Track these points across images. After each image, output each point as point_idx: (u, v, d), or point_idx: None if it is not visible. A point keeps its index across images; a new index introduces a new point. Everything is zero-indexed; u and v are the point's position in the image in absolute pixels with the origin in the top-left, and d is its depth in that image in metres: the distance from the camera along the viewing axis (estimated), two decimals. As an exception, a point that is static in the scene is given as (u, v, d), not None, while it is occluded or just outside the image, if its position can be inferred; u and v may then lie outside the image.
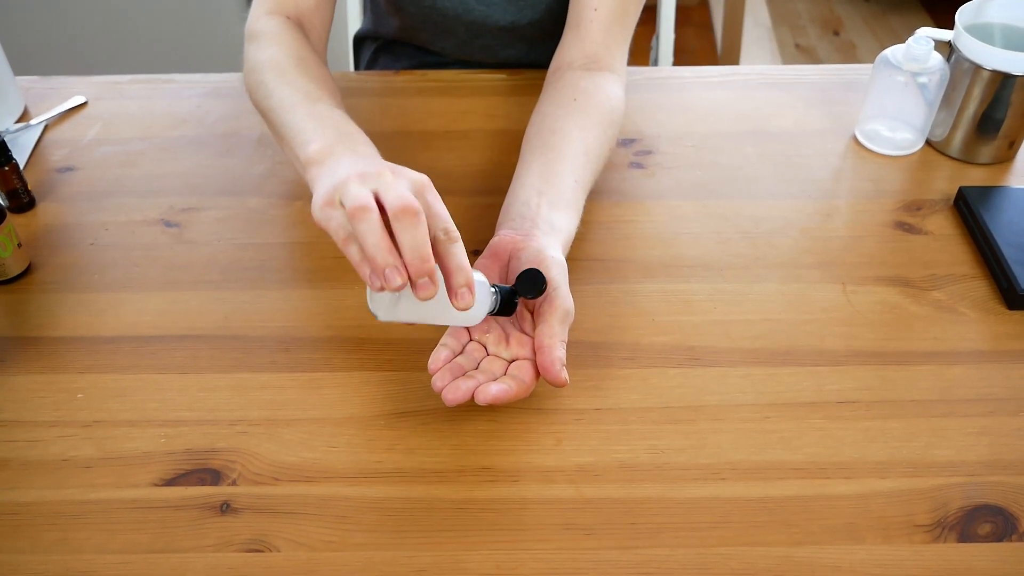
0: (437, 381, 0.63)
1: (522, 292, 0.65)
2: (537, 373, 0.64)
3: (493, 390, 0.62)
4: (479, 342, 0.68)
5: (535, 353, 0.65)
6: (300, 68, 0.80)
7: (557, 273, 0.67)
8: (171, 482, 0.64)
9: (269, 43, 0.83)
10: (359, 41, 1.21)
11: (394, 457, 0.65)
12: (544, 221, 0.72)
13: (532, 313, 0.68)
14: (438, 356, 0.65)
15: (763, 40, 2.81)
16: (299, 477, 0.64)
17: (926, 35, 0.89)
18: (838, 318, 0.75)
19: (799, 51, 2.78)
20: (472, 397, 0.62)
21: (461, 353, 0.67)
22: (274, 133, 0.77)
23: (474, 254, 0.81)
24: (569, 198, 0.75)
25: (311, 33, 0.89)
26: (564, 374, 0.63)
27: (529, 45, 1.06)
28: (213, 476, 0.64)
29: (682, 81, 1.05)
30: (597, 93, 0.84)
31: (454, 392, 0.62)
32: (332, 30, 0.94)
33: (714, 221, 0.85)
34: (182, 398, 0.70)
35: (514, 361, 0.66)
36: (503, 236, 0.71)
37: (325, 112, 0.72)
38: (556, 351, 0.64)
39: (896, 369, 0.71)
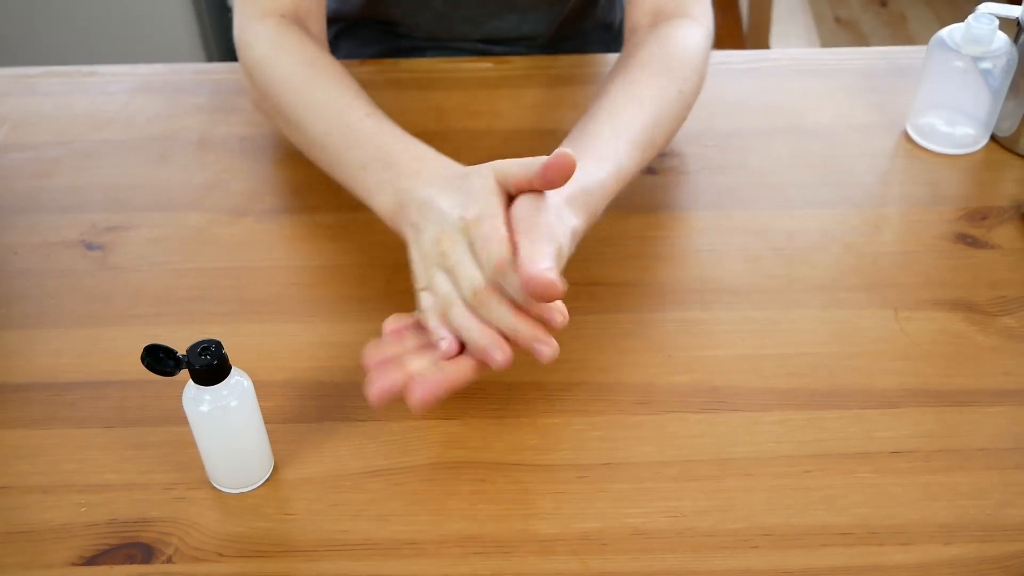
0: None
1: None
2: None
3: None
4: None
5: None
6: (317, 80, 0.81)
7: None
8: (93, 560, 0.63)
9: (273, 55, 0.84)
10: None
11: (362, 526, 0.65)
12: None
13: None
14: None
15: (797, 13, 2.83)
16: (248, 552, 0.63)
17: (989, 12, 0.89)
18: (890, 351, 0.75)
19: (840, 25, 2.80)
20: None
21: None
22: (326, 164, 0.80)
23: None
24: (602, 150, 0.73)
25: (312, 26, 0.89)
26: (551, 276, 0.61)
27: (521, 15, 1.07)
28: (144, 552, 0.64)
29: (701, 68, 1.05)
30: (665, 45, 0.83)
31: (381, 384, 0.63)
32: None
33: (741, 236, 0.85)
34: (106, 457, 0.69)
35: None
36: None
37: (365, 136, 0.76)
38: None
39: (961, 411, 0.71)
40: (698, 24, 0.87)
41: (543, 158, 0.64)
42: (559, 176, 0.63)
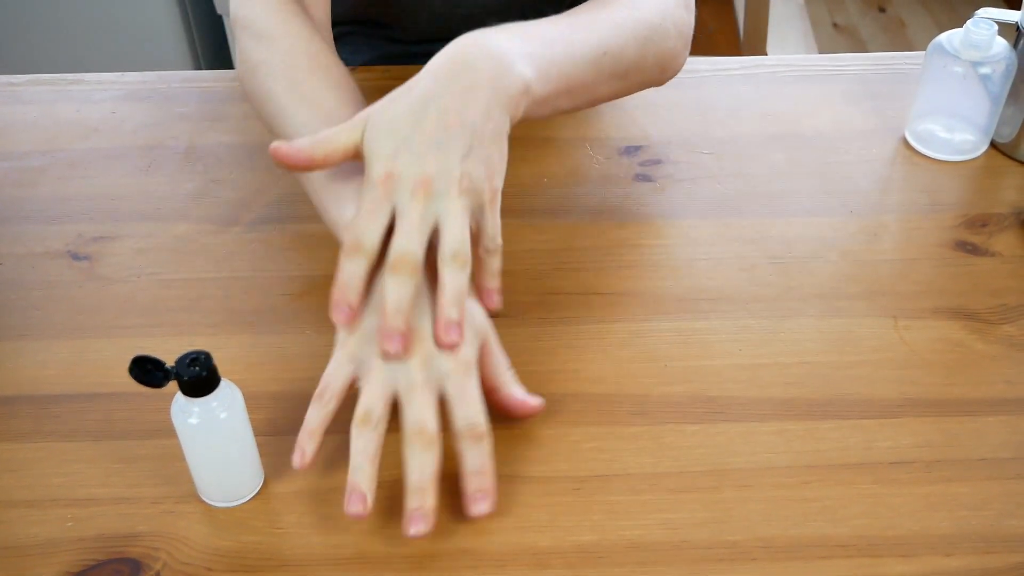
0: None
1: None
2: None
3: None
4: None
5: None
6: (314, 76, 0.79)
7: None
8: (80, 576, 0.63)
9: (268, 35, 0.81)
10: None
11: (354, 539, 0.65)
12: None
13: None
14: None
15: (794, 18, 2.84)
16: (238, 566, 0.63)
17: (988, 17, 0.90)
18: (889, 359, 0.76)
19: (838, 31, 2.82)
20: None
21: None
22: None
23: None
24: (550, 54, 0.73)
25: (313, 9, 0.87)
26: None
27: (521, 15, 1.07)
28: (132, 567, 0.64)
29: (697, 75, 1.06)
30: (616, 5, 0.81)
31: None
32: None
33: (737, 244, 0.86)
34: (93, 471, 0.69)
35: None
36: None
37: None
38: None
39: (961, 421, 0.71)
40: None
41: None
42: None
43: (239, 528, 0.66)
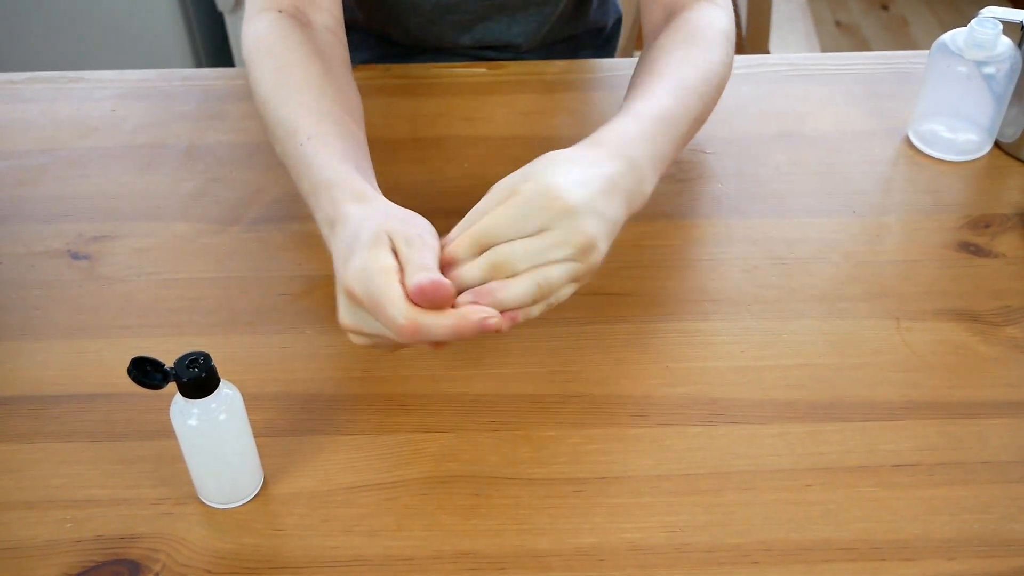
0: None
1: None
2: None
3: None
4: None
5: None
6: (280, 92, 0.78)
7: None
8: (79, 577, 0.63)
9: (259, 57, 0.81)
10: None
11: (353, 541, 0.65)
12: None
13: None
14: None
15: (796, 17, 2.84)
16: (237, 568, 0.63)
17: (992, 16, 0.90)
18: (891, 362, 0.75)
19: (840, 29, 2.81)
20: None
21: None
22: None
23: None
24: (646, 125, 0.74)
25: (316, 16, 0.86)
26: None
27: (510, 17, 1.07)
28: (132, 569, 0.63)
29: (699, 74, 1.05)
30: (681, 28, 0.83)
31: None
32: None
33: (739, 245, 0.85)
34: (93, 472, 0.69)
35: None
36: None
37: (304, 164, 0.73)
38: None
39: (964, 424, 0.71)
40: (716, 6, 0.86)
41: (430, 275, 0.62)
42: (427, 304, 0.61)
43: (239, 530, 0.65)
